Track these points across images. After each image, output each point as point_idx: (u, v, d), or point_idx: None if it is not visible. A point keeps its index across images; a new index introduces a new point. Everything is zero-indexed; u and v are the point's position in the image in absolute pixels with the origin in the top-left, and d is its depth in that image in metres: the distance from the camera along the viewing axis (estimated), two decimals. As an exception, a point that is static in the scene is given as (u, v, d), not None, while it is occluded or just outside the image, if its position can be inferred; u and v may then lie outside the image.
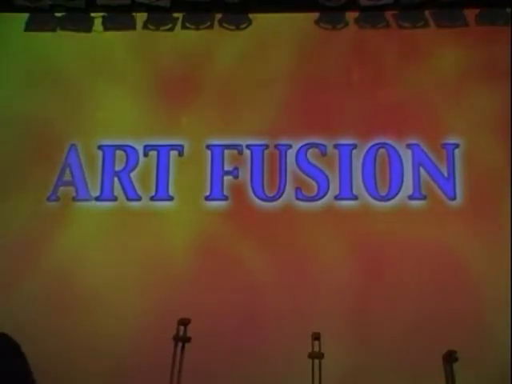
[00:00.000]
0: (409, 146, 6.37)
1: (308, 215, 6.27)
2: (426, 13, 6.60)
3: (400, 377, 5.73)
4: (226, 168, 6.41)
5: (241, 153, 6.43)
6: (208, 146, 6.45)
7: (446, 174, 6.29)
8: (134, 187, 6.40)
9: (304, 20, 6.68)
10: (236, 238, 6.26)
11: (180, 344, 4.95)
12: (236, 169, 6.41)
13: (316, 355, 5.03)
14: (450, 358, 4.59)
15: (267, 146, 6.43)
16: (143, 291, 6.12)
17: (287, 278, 6.13)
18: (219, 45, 6.70)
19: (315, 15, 6.65)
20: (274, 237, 6.26)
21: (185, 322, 4.97)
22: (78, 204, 6.41)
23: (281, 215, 6.30)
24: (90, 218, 6.39)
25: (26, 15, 6.73)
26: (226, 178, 6.40)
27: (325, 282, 6.09)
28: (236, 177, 6.39)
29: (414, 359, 5.70)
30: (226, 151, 6.43)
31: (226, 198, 6.35)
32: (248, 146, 6.43)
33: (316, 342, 5.06)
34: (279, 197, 6.32)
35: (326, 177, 6.34)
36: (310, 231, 6.23)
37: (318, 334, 5.10)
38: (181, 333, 4.96)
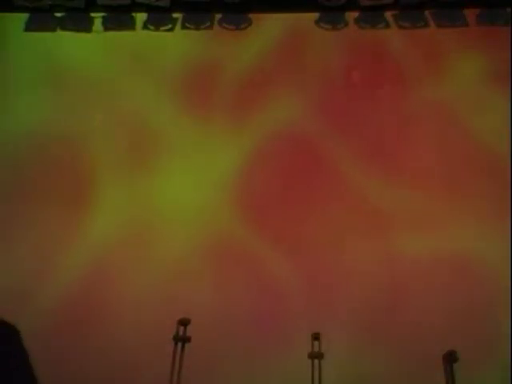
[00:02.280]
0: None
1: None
2: (426, 13, 6.60)
3: (400, 376, 5.72)
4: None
5: None
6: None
7: None
8: None
9: (304, 20, 6.68)
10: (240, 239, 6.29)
11: (180, 344, 4.95)
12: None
13: (316, 355, 5.03)
14: (450, 357, 4.59)
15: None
16: (144, 291, 6.13)
17: (288, 278, 6.13)
18: (219, 45, 6.70)
19: (315, 15, 6.65)
20: (279, 238, 6.27)
21: (185, 322, 4.98)
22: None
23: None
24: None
25: (26, 15, 6.72)
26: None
27: (326, 283, 6.09)
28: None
29: (414, 359, 5.70)
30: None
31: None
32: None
33: (316, 342, 5.06)
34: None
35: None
36: (316, 231, 6.24)
37: (318, 334, 5.10)
38: (181, 333, 4.97)
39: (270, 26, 6.72)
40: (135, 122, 6.63)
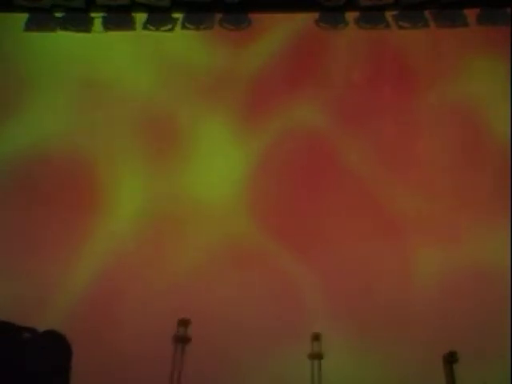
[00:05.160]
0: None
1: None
2: (426, 13, 6.60)
3: (400, 377, 5.73)
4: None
5: None
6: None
7: None
8: None
9: (304, 20, 6.68)
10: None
11: (180, 344, 4.96)
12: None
13: (316, 355, 5.04)
14: (450, 358, 4.59)
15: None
16: (145, 291, 6.13)
17: (289, 279, 6.14)
18: (217, 45, 6.71)
19: (315, 15, 6.65)
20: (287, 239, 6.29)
21: (185, 322, 4.98)
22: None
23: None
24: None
25: (26, 15, 6.72)
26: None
27: (328, 284, 6.10)
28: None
29: (414, 359, 5.70)
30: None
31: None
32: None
33: (316, 342, 5.07)
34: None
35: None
36: (326, 233, 6.26)
37: (318, 334, 5.11)
38: (181, 333, 4.97)
39: (270, 26, 6.72)
40: (142, 123, 6.63)
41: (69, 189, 6.42)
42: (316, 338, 5.13)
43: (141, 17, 6.71)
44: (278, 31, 6.72)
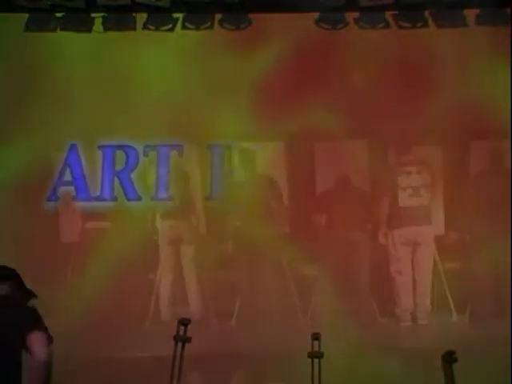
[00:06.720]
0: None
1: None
2: (426, 13, 6.60)
3: (399, 376, 5.74)
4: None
5: None
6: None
7: None
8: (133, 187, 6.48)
9: (304, 20, 6.69)
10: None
11: (180, 344, 4.95)
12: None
13: (316, 355, 5.03)
14: (448, 357, 4.58)
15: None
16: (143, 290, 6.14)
17: (288, 277, 6.15)
18: (217, 45, 6.73)
19: (315, 15, 6.65)
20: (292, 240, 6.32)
21: (185, 322, 4.98)
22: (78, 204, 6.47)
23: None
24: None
25: (26, 15, 6.72)
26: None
27: (326, 282, 6.11)
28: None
29: (413, 359, 5.71)
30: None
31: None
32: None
33: (316, 342, 5.06)
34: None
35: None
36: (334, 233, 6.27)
37: (318, 334, 5.10)
38: (181, 333, 4.97)
39: (270, 26, 6.73)
40: (145, 124, 6.64)
41: None
42: (316, 337, 5.11)
43: (141, 17, 6.72)
44: (278, 31, 6.73)
